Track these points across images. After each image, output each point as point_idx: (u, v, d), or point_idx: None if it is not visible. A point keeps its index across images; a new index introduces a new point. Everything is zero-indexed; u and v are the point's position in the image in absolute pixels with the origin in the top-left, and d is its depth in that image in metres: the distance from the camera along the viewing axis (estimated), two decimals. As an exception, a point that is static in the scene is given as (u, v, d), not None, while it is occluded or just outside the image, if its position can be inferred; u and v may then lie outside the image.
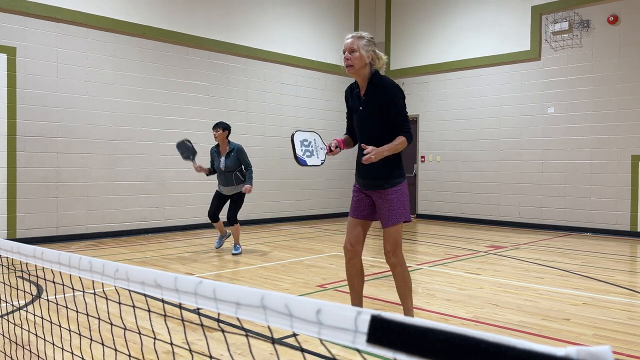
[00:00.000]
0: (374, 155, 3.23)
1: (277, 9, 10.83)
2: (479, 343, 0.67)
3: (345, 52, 3.39)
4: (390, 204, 3.42)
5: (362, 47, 3.35)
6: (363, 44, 3.36)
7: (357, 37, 3.38)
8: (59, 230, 7.95)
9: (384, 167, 3.39)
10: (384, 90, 3.38)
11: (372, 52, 3.41)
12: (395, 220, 3.44)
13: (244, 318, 0.99)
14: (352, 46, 3.36)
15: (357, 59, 3.36)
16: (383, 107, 3.38)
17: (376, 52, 3.46)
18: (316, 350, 3.26)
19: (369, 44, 3.39)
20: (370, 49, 3.40)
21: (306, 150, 3.57)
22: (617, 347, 3.46)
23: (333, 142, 3.55)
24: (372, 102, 3.43)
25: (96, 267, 1.41)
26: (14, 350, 3.12)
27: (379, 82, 3.41)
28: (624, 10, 9.11)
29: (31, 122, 7.70)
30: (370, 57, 3.40)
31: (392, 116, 3.38)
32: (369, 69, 3.43)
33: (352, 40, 3.38)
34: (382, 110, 3.38)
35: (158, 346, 3.36)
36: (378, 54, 3.47)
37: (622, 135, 9.14)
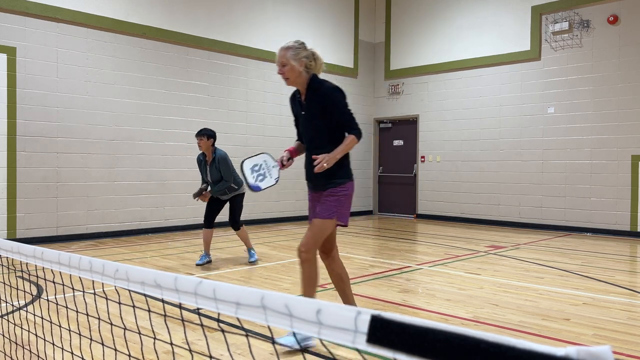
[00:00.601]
0: (326, 162, 3.22)
1: (277, 9, 10.83)
2: (479, 343, 0.67)
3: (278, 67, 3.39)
4: (325, 200, 3.36)
5: (291, 58, 3.34)
6: (292, 55, 3.35)
7: (285, 49, 3.37)
8: (59, 230, 7.95)
9: (328, 169, 3.31)
10: (322, 94, 3.38)
11: (305, 58, 3.38)
12: (323, 215, 3.33)
13: (244, 318, 0.99)
14: (281, 60, 3.36)
15: (290, 70, 3.36)
16: (325, 111, 3.38)
17: (313, 55, 3.43)
18: (316, 350, 3.26)
19: (298, 52, 3.37)
20: (302, 56, 3.37)
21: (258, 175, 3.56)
22: (617, 347, 3.46)
23: (285, 155, 3.57)
24: (312, 107, 3.43)
25: (96, 267, 1.41)
26: (14, 350, 3.12)
27: (318, 86, 3.41)
28: (624, 10, 9.11)
29: (31, 122, 7.70)
30: (303, 64, 3.38)
31: (335, 118, 3.38)
32: (306, 76, 3.42)
33: (281, 53, 3.37)
34: (324, 114, 3.38)
35: (158, 346, 3.36)
36: (315, 57, 3.44)
37: (622, 135, 9.14)
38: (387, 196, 12.92)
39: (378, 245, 8.22)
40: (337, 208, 3.35)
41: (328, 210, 3.34)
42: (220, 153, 6.19)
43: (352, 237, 8.85)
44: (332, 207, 3.34)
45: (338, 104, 3.38)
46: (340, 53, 12.11)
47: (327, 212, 3.34)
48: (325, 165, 3.23)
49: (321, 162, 3.23)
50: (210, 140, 6.16)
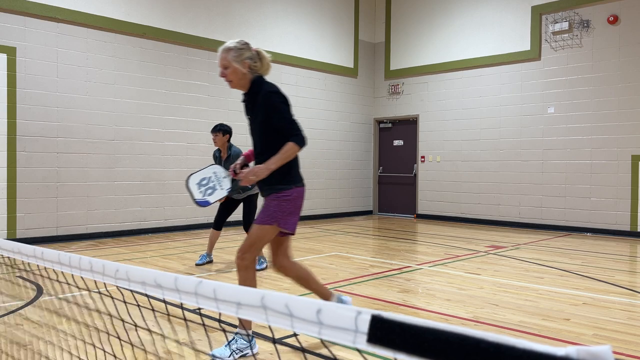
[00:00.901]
0: (254, 175, 3.08)
1: (277, 9, 10.83)
2: (479, 343, 0.67)
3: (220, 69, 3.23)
4: (267, 205, 3.19)
5: (232, 60, 3.16)
6: (233, 56, 3.16)
7: (226, 51, 3.18)
8: (59, 230, 7.95)
9: (271, 175, 3.16)
10: (261, 97, 3.19)
11: (248, 59, 3.20)
12: (261, 220, 3.16)
13: (245, 318, 0.99)
14: (222, 62, 3.19)
15: (232, 73, 3.19)
16: (266, 115, 3.19)
17: (258, 55, 3.26)
18: (316, 350, 3.26)
19: (240, 53, 3.18)
20: (244, 57, 3.19)
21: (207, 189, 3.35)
22: (617, 347, 3.46)
23: (239, 161, 3.46)
24: (255, 110, 3.26)
25: (96, 267, 1.42)
26: (14, 350, 3.12)
27: (258, 89, 3.22)
28: (624, 10, 9.11)
29: (31, 122, 7.70)
30: (247, 65, 3.19)
31: (274, 123, 3.17)
32: (250, 77, 3.24)
33: (222, 55, 3.19)
34: (265, 117, 3.19)
35: (158, 346, 3.36)
36: (261, 57, 3.27)
37: (622, 135, 9.14)
38: (387, 196, 12.92)
39: (378, 245, 8.22)
40: (278, 214, 3.15)
41: (268, 216, 3.14)
42: (236, 150, 6.11)
43: (352, 237, 8.85)
44: (273, 213, 3.14)
45: (276, 108, 3.16)
46: (340, 53, 12.11)
47: (266, 218, 3.14)
48: (253, 177, 3.08)
49: (247, 175, 3.09)
50: (226, 136, 6.09)
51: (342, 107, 12.17)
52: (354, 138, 12.52)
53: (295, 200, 3.20)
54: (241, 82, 3.23)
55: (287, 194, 3.17)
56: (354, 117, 12.48)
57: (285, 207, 3.16)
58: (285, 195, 3.16)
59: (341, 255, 6.96)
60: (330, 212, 11.99)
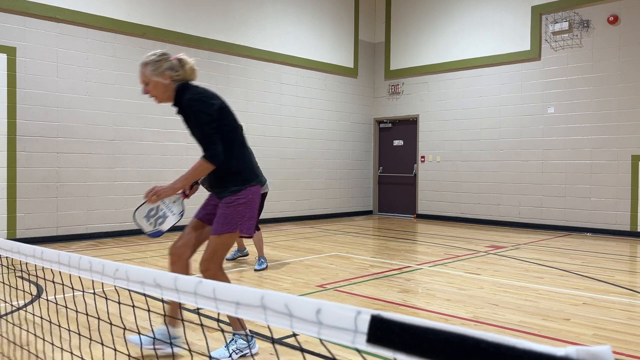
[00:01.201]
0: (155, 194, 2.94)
1: (277, 9, 10.83)
2: (479, 343, 0.67)
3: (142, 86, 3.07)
4: (222, 213, 3.02)
5: (151, 74, 3.00)
6: (151, 71, 3.00)
7: (143, 66, 3.02)
8: (59, 230, 7.95)
9: (218, 179, 3.05)
10: (185, 106, 3.03)
11: (169, 70, 3.01)
12: (220, 230, 3.00)
13: (244, 318, 0.99)
14: (142, 79, 3.04)
15: (154, 88, 3.04)
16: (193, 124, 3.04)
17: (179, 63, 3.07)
18: (316, 350, 3.26)
19: (157, 65, 3.01)
20: (163, 69, 3.01)
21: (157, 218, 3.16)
22: (617, 347, 3.45)
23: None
24: (187, 120, 3.12)
25: (96, 267, 1.41)
26: (13, 350, 3.12)
27: (181, 98, 3.05)
28: (624, 10, 9.11)
29: (31, 122, 7.70)
30: (168, 76, 3.02)
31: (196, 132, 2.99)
32: (174, 87, 3.07)
33: (141, 71, 3.04)
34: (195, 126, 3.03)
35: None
36: (183, 64, 3.08)
37: (622, 135, 9.14)
38: (387, 196, 12.92)
39: (378, 245, 8.21)
40: (236, 220, 3.00)
41: (227, 224, 2.99)
42: None
43: (352, 237, 8.85)
44: (231, 220, 2.99)
45: (197, 117, 2.95)
46: (340, 53, 12.11)
47: (226, 226, 2.99)
48: (154, 197, 2.94)
49: (148, 194, 2.94)
50: None
51: (342, 107, 12.17)
52: (354, 138, 12.52)
53: (251, 202, 3.05)
54: (166, 95, 3.07)
55: (241, 196, 3.01)
56: (354, 117, 12.48)
57: (243, 212, 3.01)
58: (240, 198, 3.00)
59: (341, 255, 6.96)
60: (330, 212, 11.99)
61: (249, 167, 3.11)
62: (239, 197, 3.00)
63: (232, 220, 2.98)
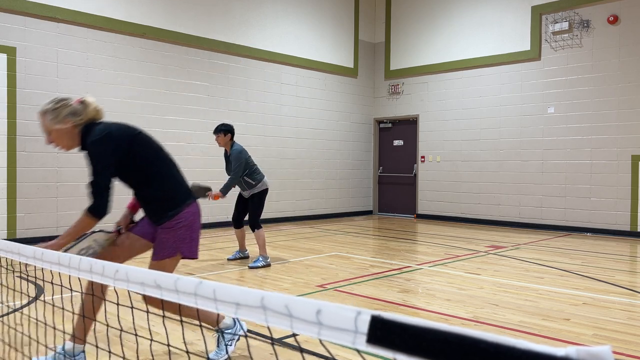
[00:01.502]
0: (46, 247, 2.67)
1: (277, 9, 10.83)
2: (479, 343, 0.67)
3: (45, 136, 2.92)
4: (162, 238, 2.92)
5: (51, 123, 2.82)
6: (51, 120, 2.82)
7: (42, 115, 2.84)
8: (59, 230, 7.95)
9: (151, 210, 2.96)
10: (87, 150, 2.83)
11: (69, 115, 2.84)
12: (162, 256, 2.92)
13: (244, 318, 0.99)
14: (43, 129, 2.87)
15: (57, 137, 2.86)
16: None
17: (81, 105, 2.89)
18: (316, 350, 3.26)
19: (56, 114, 2.83)
20: (63, 116, 2.83)
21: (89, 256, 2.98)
22: (617, 347, 3.46)
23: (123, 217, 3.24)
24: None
25: (96, 268, 1.41)
26: (13, 351, 3.12)
27: (84, 142, 2.86)
28: (624, 10, 9.11)
29: (31, 122, 7.70)
30: (70, 122, 2.83)
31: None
32: (78, 131, 2.88)
33: (41, 121, 2.86)
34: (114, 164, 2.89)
35: (156, 346, 3.36)
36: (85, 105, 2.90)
37: (622, 135, 9.14)
38: (387, 196, 12.92)
39: (378, 245, 8.22)
40: (176, 244, 2.90)
41: (165, 249, 2.89)
42: (235, 147, 6.12)
43: (352, 237, 8.85)
44: (172, 244, 2.89)
45: (90, 162, 2.78)
46: (340, 53, 12.11)
47: (165, 251, 2.90)
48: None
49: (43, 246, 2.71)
50: (227, 136, 6.12)
51: (342, 107, 12.17)
52: (354, 138, 12.52)
53: (191, 224, 2.93)
54: (71, 142, 2.90)
55: (181, 219, 2.88)
56: (354, 117, 12.48)
57: (183, 235, 2.90)
58: (180, 221, 2.88)
59: (341, 255, 6.96)
60: (330, 212, 11.99)
61: (179, 187, 2.97)
62: (179, 220, 2.89)
63: (173, 244, 2.89)
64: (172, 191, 2.94)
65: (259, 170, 6.32)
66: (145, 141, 2.93)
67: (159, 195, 2.92)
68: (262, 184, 6.25)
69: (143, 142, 2.91)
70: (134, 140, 2.86)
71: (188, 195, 2.97)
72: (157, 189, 2.92)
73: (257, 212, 6.18)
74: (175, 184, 2.96)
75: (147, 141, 2.93)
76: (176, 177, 2.99)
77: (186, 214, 2.91)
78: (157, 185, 2.92)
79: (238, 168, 6.02)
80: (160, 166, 2.93)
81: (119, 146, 2.80)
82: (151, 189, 2.92)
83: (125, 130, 2.87)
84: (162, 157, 2.97)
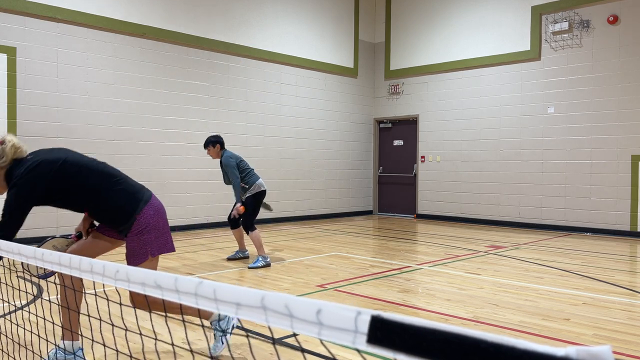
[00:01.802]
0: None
1: (277, 9, 10.83)
2: (479, 343, 0.67)
3: None
4: (130, 247, 2.92)
5: None
6: None
7: None
8: (59, 231, 7.95)
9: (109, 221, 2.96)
10: None
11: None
12: (134, 263, 2.92)
13: (244, 318, 0.99)
14: None
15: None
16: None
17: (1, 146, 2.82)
18: (316, 350, 3.26)
19: None
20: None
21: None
22: (617, 347, 3.46)
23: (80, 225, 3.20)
24: None
25: (97, 268, 1.42)
26: (15, 350, 3.12)
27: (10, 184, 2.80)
28: (624, 10, 9.11)
29: (31, 122, 7.70)
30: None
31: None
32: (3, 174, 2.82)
33: None
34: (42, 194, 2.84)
35: (159, 346, 3.36)
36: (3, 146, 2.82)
37: (622, 135, 9.14)
38: (387, 196, 12.92)
39: (378, 245, 8.22)
40: (144, 249, 2.89)
41: (136, 257, 2.90)
42: (226, 154, 6.19)
43: (352, 237, 8.85)
44: (139, 251, 2.89)
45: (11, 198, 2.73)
46: (340, 53, 12.12)
47: (136, 258, 2.90)
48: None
49: None
50: (217, 147, 6.22)
51: (342, 107, 12.17)
52: (354, 138, 12.52)
53: (153, 226, 2.91)
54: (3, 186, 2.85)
55: (138, 226, 2.87)
56: (354, 117, 12.48)
57: (147, 239, 2.89)
58: (139, 229, 2.87)
59: (341, 255, 6.96)
60: (330, 212, 11.99)
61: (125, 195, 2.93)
62: (139, 227, 2.88)
63: (140, 250, 2.89)
64: (119, 201, 2.89)
65: (253, 173, 6.31)
66: (73, 164, 2.87)
67: (107, 209, 2.90)
68: (255, 187, 6.24)
69: (70, 167, 2.85)
70: (59, 171, 2.81)
71: (138, 200, 2.92)
72: (102, 204, 2.90)
73: (251, 215, 6.19)
74: (118, 193, 2.90)
75: (74, 164, 2.88)
76: (119, 186, 2.93)
77: (144, 218, 2.89)
78: (101, 201, 2.89)
79: (232, 173, 6.08)
80: (97, 182, 2.88)
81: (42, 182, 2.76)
82: (97, 207, 2.91)
83: (48, 165, 2.80)
84: (97, 172, 2.92)
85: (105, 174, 2.94)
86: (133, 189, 2.98)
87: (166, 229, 3.01)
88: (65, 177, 2.82)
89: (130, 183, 3.01)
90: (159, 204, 3.02)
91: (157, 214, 2.96)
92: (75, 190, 2.84)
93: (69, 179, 2.83)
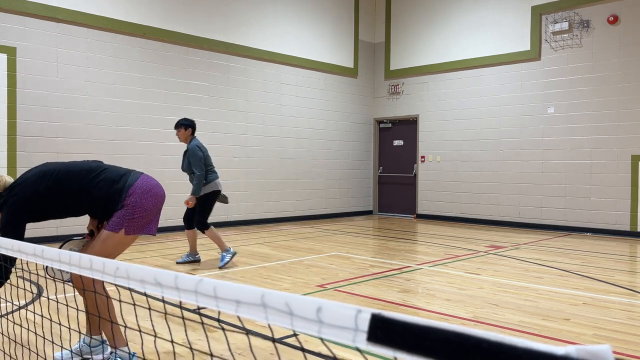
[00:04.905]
0: None
1: (277, 9, 10.83)
2: (480, 342, 0.67)
3: None
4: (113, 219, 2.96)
5: None
6: None
7: None
8: (59, 230, 7.94)
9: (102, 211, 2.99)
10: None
11: None
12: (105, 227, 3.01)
13: (245, 316, 0.99)
14: None
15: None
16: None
17: None
18: (316, 350, 3.26)
19: None
20: None
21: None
22: (617, 347, 3.46)
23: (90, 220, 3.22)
24: None
25: (96, 266, 1.41)
26: (14, 349, 3.12)
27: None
28: (624, 10, 9.11)
29: (31, 122, 7.70)
30: None
31: None
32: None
33: None
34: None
35: (159, 345, 3.36)
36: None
37: (622, 135, 9.14)
38: (387, 196, 12.92)
39: (378, 245, 8.21)
40: (121, 221, 2.93)
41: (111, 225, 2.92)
42: (193, 142, 6.02)
43: (352, 237, 8.85)
44: (115, 221, 2.93)
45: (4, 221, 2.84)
46: (340, 53, 12.11)
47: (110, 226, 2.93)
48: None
49: None
50: (188, 130, 6.06)
51: (342, 107, 12.17)
52: (354, 138, 12.52)
53: (139, 206, 2.94)
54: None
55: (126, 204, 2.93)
56: (354, 117, 12.48)
57: (126, 214, 2.93)
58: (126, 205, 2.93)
59: (341, 255, 6.96)
60: (330, 212, 11.98)
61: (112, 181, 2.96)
62: (126, 204, 2.92)
63: (117, 221, 2.91)
64: (102, 191, 2.92)
65: (214, 170, 6.18)
66: (52, 171, 2.91)
67: (95, 202, 2.93)
68: (212, 185, 6.10)
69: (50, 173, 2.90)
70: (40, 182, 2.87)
71: (123, 183, 2.95)
72: (90, 200, 2.93)
73: (203, 213, 6.03)
74: (99, 184, 2.94)
75: (53, 171, 2.92)
76: (100, 177, 2.96)
77: (130, 199, 2.91)
78: (88, 197, 2.93)
79: (198, 164, 5.91)
80: (78, 181, 2.92)
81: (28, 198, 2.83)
82: (88, 204, 2.95)
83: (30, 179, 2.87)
84: (76, 172, 2.95)
85: (85, 170, 2.97)
86: (116, 175, 2.99)
87: (154, 212, 3.02)
88: (49, 186, 2.87)
89: (113, 171, 3.03)
90: (148, 184, 3.01)
91: (145, 194, 2.97)
92: (62, 196, 2.89)
93: (52, 185, 2.87)
